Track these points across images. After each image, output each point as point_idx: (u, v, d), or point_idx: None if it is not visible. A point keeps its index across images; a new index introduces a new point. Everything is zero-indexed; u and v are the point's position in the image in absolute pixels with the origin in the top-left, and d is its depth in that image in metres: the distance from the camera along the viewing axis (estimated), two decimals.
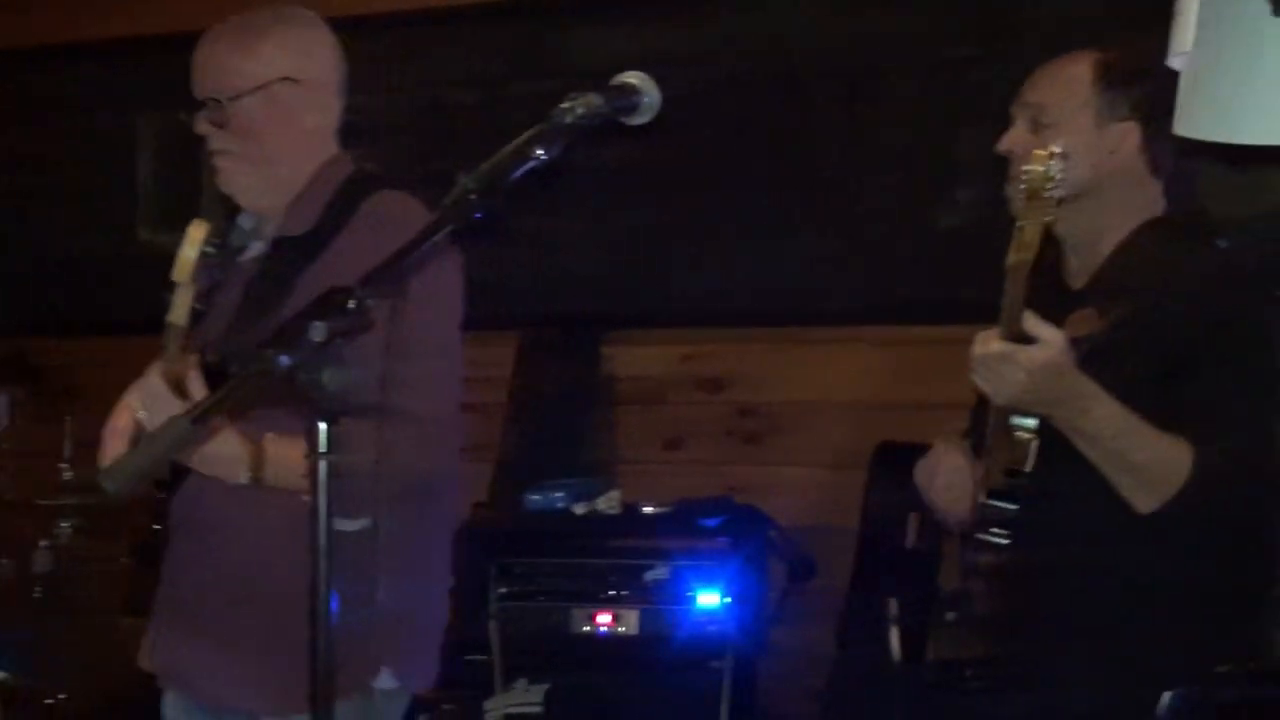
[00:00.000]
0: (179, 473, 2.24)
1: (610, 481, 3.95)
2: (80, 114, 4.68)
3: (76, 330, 4.51)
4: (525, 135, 1.67)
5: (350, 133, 3.92)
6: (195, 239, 2.10)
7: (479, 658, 3.62)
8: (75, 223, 4.64)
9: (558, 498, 3.78)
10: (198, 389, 2.09)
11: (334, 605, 1.55)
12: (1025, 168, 2.11)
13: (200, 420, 1.49)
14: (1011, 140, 2.38)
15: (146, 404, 2.10)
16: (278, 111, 2.34)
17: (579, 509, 3.76)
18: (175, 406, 2.03)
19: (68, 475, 3.92)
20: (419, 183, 2.28)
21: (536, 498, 3.78)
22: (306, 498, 2.10)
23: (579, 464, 4.03)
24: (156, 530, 2.36)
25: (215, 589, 2.31)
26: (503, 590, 3.64)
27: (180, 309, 2.11)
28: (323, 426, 1.49)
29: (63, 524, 3.92)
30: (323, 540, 1.50)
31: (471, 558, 3.68)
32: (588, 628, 3.60)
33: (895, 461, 3.66)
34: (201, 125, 2.37)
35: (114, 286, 4.49)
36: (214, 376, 2.13)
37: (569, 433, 4.07)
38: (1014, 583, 2.27)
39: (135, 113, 4.58)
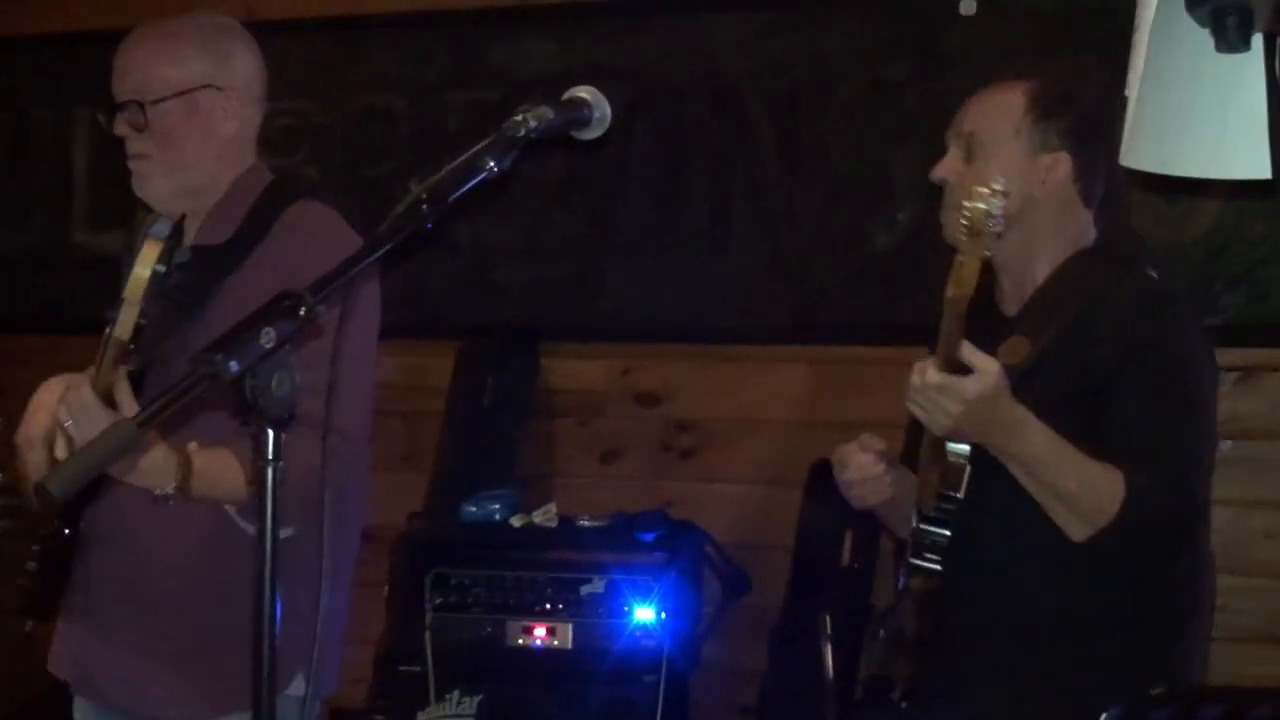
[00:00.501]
0: (94, 480, 2.23)
1: (547, 494, 3.95)
2: (15, 110, 4.62)
3: (6, 328, 4.45)
4: (477, 146, 1.69)
5: (284, 137, 3.93)
6: (149, 258, 2.09)
7: (412, 669, 3.61)
8: (9, 220, 4.58)
9: (494, 509, 3.78)
10: (126, 400, 2.08)
11: (279, 613, 1.54)
12: (967, 204, 2.12)
13: (145, 424, 1.49)
14: (945, 168, 2.41)
15: (76, 414, 2.08)
16: (198, 118, 2.35)
17: (515, 521, 3.76)
18: (105, 417, 2.02)
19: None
20: (349, 189, 2.30)
21: (473, 509, 3.77)
22: (229, 508, 2.11)
23: (515, 475, 4.02)
24: (67, 535, 2.34)
25: (132, 597, 2.32)
26: (437, 601, 3.63)
27: (126, 324, 2.09)
28: (271, 433, 1.49)
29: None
30: (269, 547, 1.50)
31: (406, 568, 3.69)
32: (522, 640, 3.60)
33: (830, 479, 3.69)
34: (120, 127, 2.37)
35: (46, 285, 4.45)
36: (133, 382, 2.13)
37: (506, 444, 4.07)
38: (943, 606, 2.29)
39: (71, 109, 4.54)
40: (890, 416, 2.60)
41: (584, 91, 1.79)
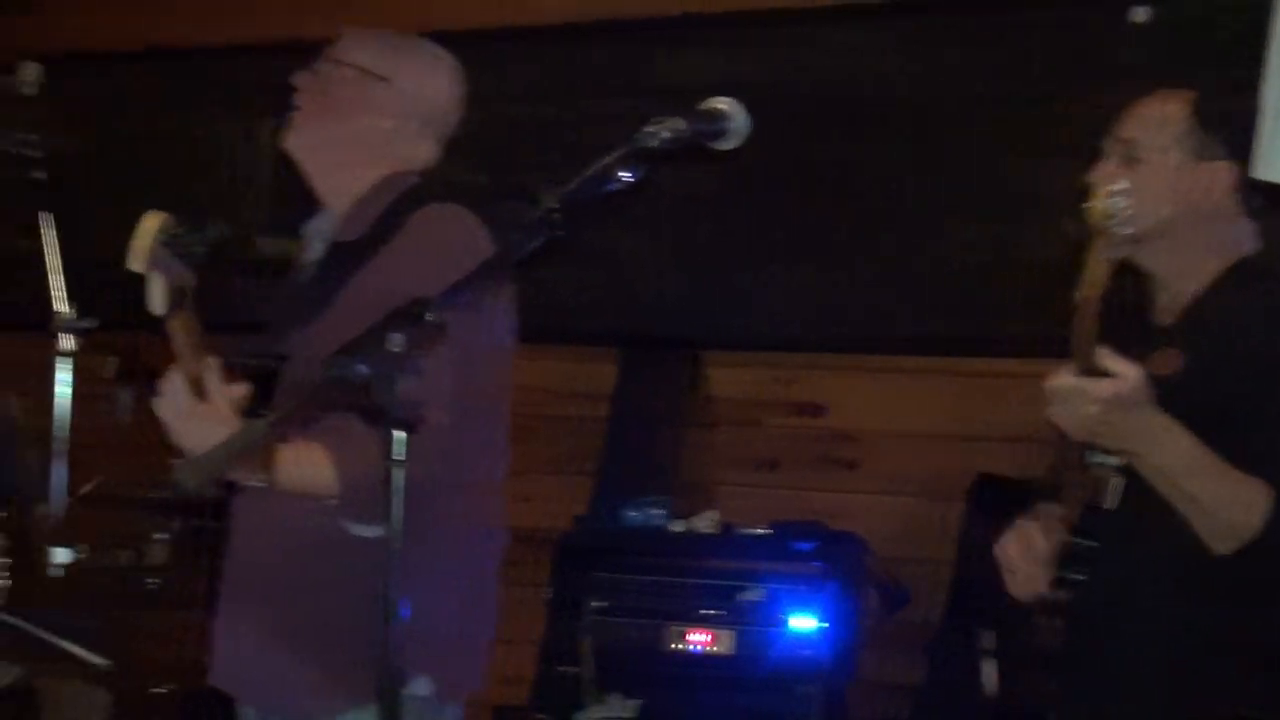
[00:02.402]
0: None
1: (706, 501, 3.98)
2: (199, 119, 4.80)
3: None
4: (609, 157, 1.69)
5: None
6: (147, 229, 2.14)
7: (571, 670, 3.66)
8: (195, 225, 4.74)
9: (656, 514, 3.81)
10: (215, 388, 2.12)
11: (404, 611, 1.57)
12: (1086, 204, 2.09)
13: (278, 424, 1.54)
14: (1099, 173, 2.37)
15: (164, 406, 2.14)
16: (359, 94, 2.41)
17: (676, 526, 3.79)
18: (190, 406, 2.08)
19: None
20: (488, 196, 2.32)
21: (634, 514, 3.81)
22: (330, 503, 2.13)
23: (677, 482, 4.05)
24: (213, 529, 2.41)
25: (266, 589, 2.35)
26: (597, 604, 3.67)
27: (154, 298, 2.15)
28: (398, 435, 1.53)
29: (174, 519, 4.00)
30: (394, 547, 1.53)
31: (567, 570, 3.74)
32: (680, 645, 3.62)
33: (993, 493, 3.65)
34: (298, 79, 2.46)
35: (218, 287, 4.60)
36: (262, 379, 2.18)
37: (667, 450, 4.10)
38: (1085, 620, 2.25)
39: (252, 119, 4.69)
40: (1048, 431, 2.56)
41: (721, 102, 1.78)
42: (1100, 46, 3.75)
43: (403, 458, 1.55)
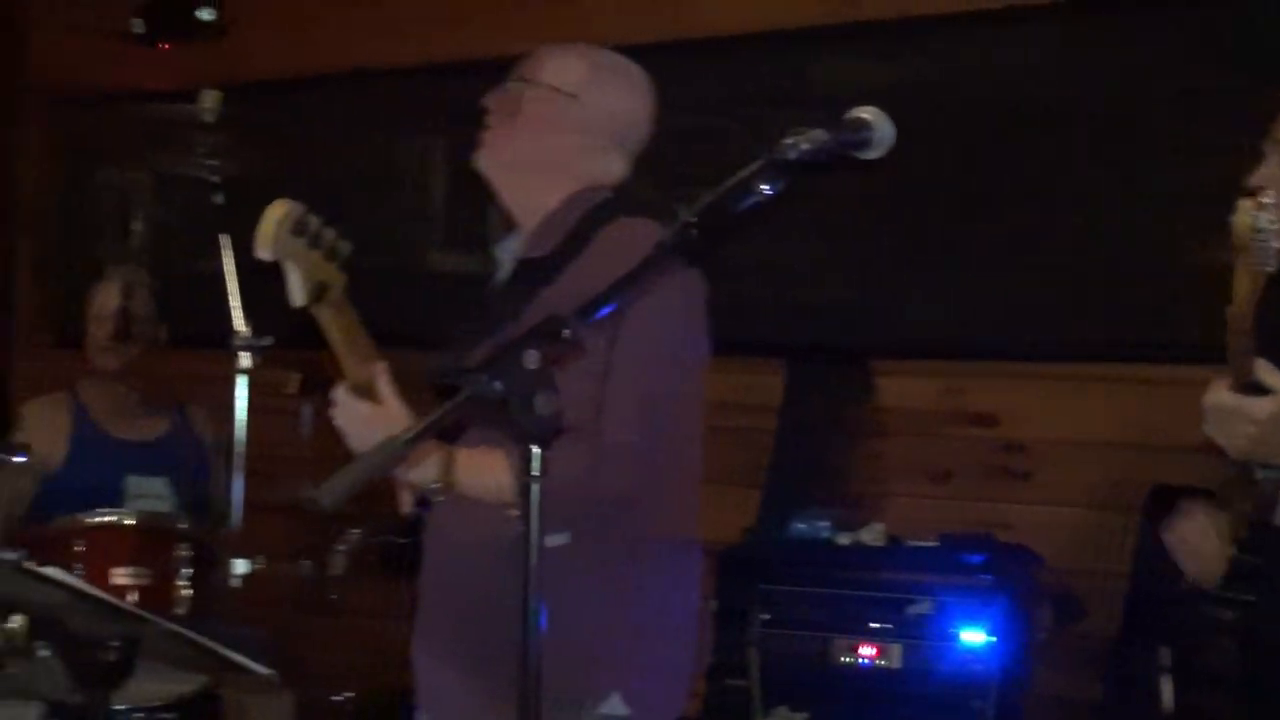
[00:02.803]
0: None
1: (876, 512, 3.94)
2: (379, 138, 4.91)
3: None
4: (748, 169, 1.69)
5: None
6: (272, 215, 2.15)
7: (739, 683, 3.65)
8: (369, 243, 4.87)
9: (822, 526, 3.79)
10: (387, 391, 2.17)
11: (543, 623, 1.58)
12: (1230, 217, 2.02)
13: (414, 441, 1.57)
14: (1260, 177, 2.29)
15: (338, 413, 2.21)
16: (549, 114, 2.44)
17: (843, 539, 3.76)
18: (363, 410, 2.13)
19: None
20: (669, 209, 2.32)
21: (801, 526, 3.80)
22: (514, 513, 2.14)
23: (845, 493, 4.02)
24: (405, 544, 2.46)
25: (452, 604, 2.38)
26: (765, 617, 3.66)
27: (292, 288, 2.17)
28: (535, 451, 1.54)
29: (353, 530, 4.09)
30: (534, 560, 1.55)
31: (734, 582, 3.74)
32: (849, 659, 3.59)
33: (1169, 505, 3.54)
34: (490, 100, 2.50)
35: (401, 305, 4.71)
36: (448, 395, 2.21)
37: (836, 461, 4.07)
38: (1261, 641, 2.18)
39: (430, 138, 4.79)
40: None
41: (865, 112, 1.77)
42: (1273, 43, 3.62)
43: (540, 473, 1.58)
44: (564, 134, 2.44)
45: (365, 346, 2.25)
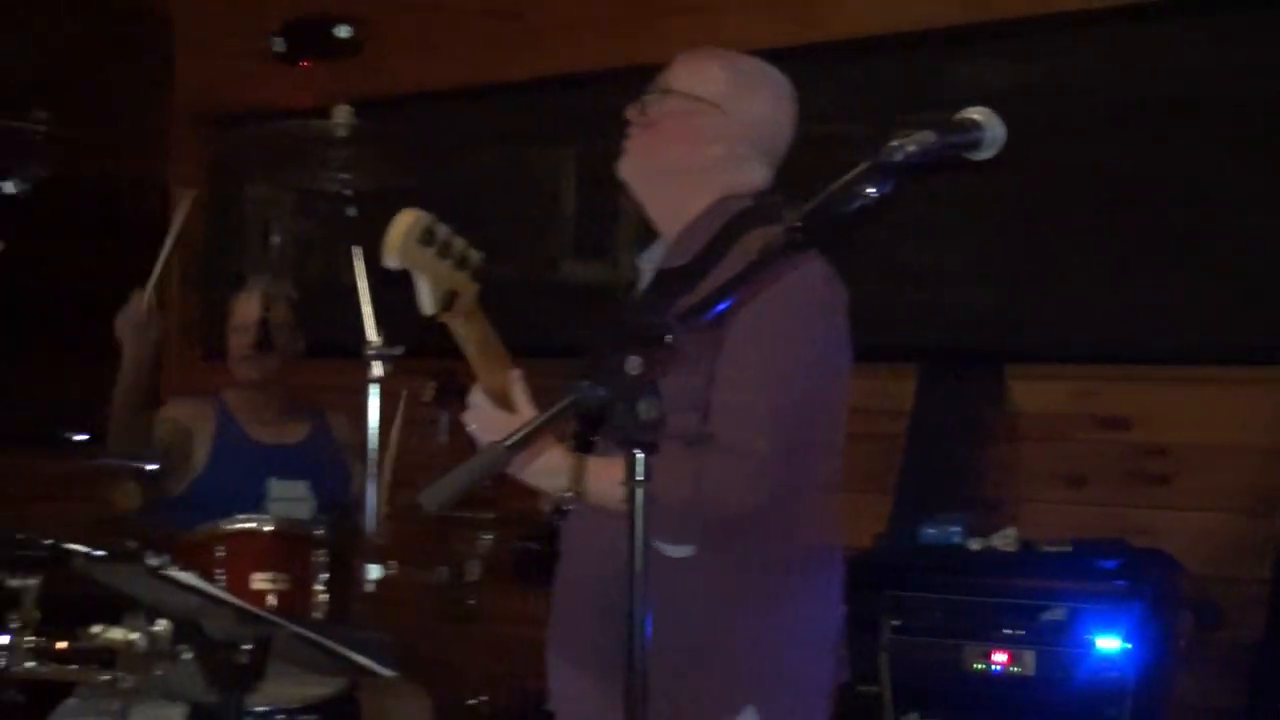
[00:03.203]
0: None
1: (1009, 517, 3.89)
2: (510, 148, 4.97)
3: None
4: (853, 172, 1.68)
5: None
6: (399, 225, 2.15)
7: (870, 689, 3.63)
8: (502, 254, 4.93)
9: (953, 532, 3.75)
10: (521, 399, 2.18)
11: (648, 630, 1.59)
12: None
13: (516, 447, 1.59)
14: None
15: (471, 418, 2.22)
16: (690, 125, 2.44)
17: (974, 544, 3.72)
18: (495, 416, 2.15)
19: (489, 490, 4.16)
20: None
21: (932, 531, 3.76)
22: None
23: (977, 498, 3.98)
24: (539, 550, 2.48)
25: (587, 612, 2.37)
26: (895, 623, 3.63)
27: (423, 299, 2.18)
28: (639, 456, 1.56)
29: (485, 536, 4.14)
30: (639, 565, 1.57)
31: (864, 589, 3.71)
32: (981, 665, 3.55)
33: None
34: (631, 111, 2.50)
35: (535, 315, 4.76)
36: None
37: (968, 466, 4.03)
38: None
39: (561, 148, 4.84)
40: None
41: (975, 112, 1.75)
42: None
43: (643, 478, 1.59)
44: (706, 143, 2.44)
45: (499, 354, 2.27)
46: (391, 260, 2.17)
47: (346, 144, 3.58)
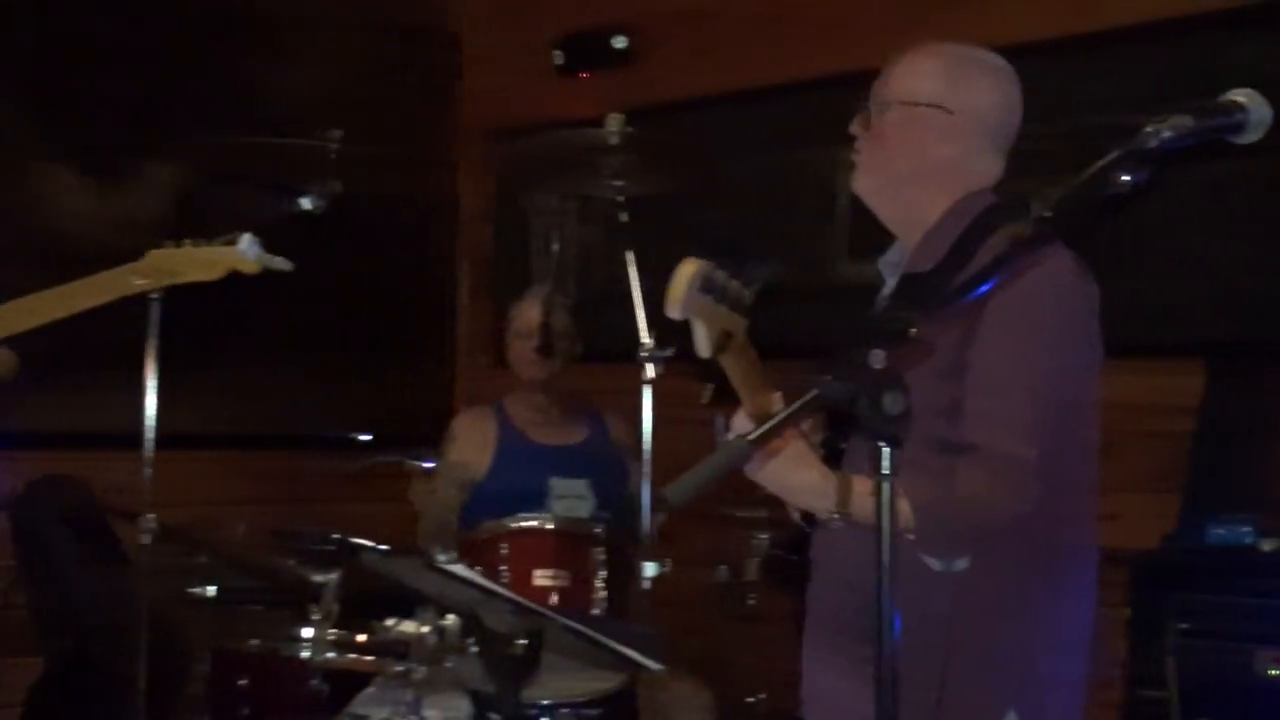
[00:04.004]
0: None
1: None
2: (784, 149, 4.99)
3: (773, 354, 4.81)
4: (1106, 159, 1.64)
5: (1016, 161, 3.94)
6: (683, 274, 2.18)
7: (1156, 694, 3.52)
8: (775, 257, 4.95)
9: (1244, 532, 3.61)
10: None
11: (896, 631, 1.59)
12: None
13: (759, 441, 1.60)
14: None
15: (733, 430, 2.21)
16: (915, 132, 2.39)
17: (1267, 545, 3.57)
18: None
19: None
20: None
21: (1220, 531, 3.62)
22: (910, 536, 2.09)
23: (1268, 498, 3.81)
24: (793, 560, 2.50)
25: (841, 623, 2.35)
26: (1182, 626, 3.51)
27: (699, 342, 2.20)
28: (885, 450, 1.56)
29: (760, 535, 4.17)
30: (886, 561, 1.57)
31: (1149, 591, 3.61)
32: (1275, 671, 3.40)
33: None
34: (855, 125, 2.48)
35: (808, 317, 4.76)
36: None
37: (1259, 464, 3.87)
38: None
39: (835, 148, 4.82)
40: None
41: (1240, 95, 1.69)
42: None
43: (890, 472, 1.59)
44: (936, 146, 2.40)
45: (762, 379, 2.27)
46: (674, 312, 2.22)
47: (619, 151, 3.67)
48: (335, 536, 3.14)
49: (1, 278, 2.75)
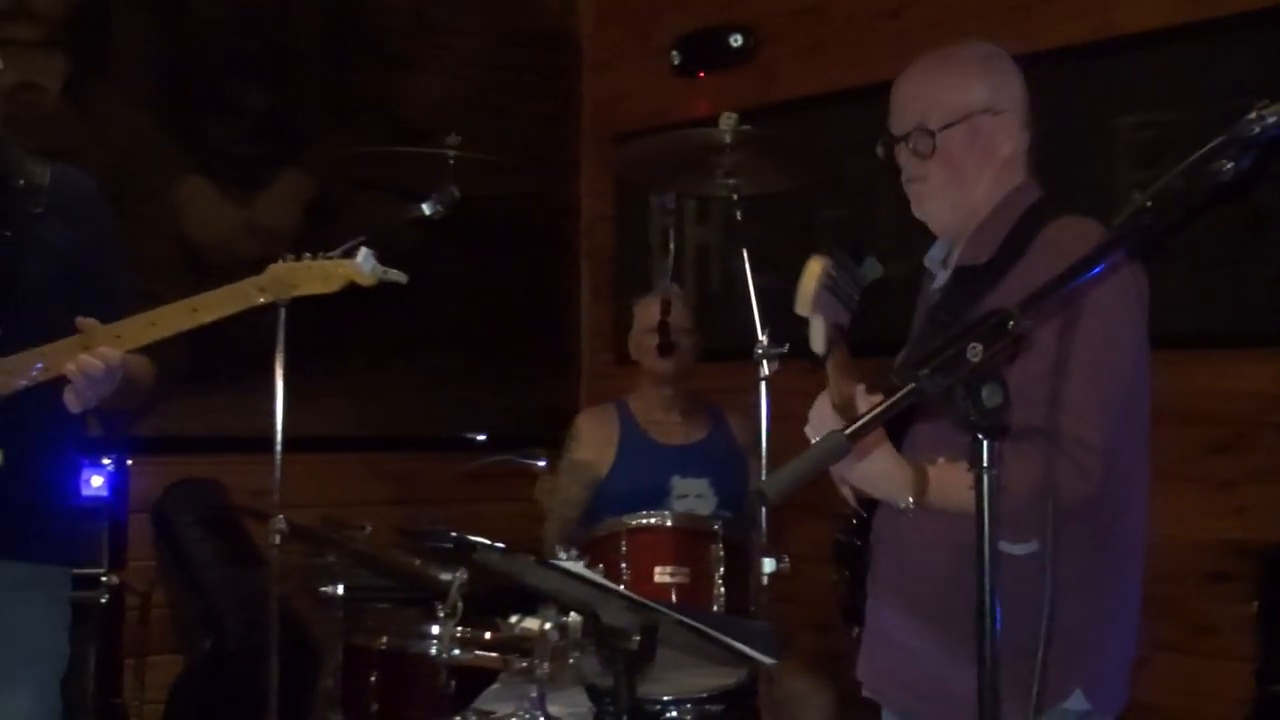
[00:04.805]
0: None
1: None
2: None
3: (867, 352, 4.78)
4: (1207, 148, 1.63)
5: (1145, 149, 3.89)
6: (813, 273, 2.21)
7: None
8: (888, 253, 4.91)
9: None
10: (865, 410, 2.20)
11: (998, 623, 1.60)
12: None
13: (856, 435, 1.62)
14: None
15: (815, 425, 2.24)
16: (979, 141, 2.45)
17: None
18: (831, 417, 2.18)
19: None
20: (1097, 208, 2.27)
21: None
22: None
23: None
24: (859, 546, 2.52)
25: (904, 602, 2.43)
26: None
27: (816, 338, 2.22)
28: (984, 442, 1.57)
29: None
30: (987, 554, 1.57)
31: (1276, 585, 3.54)
32: None
33: None
34: (903, 156, 2.52)
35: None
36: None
37: None
38: None
39: None
40: None
41: None
42: None
43: (990, 465, 1.60)
44: (1001, 147, 2.47)
45: (852, 369, 2.32)
46: (805, 309, 2.28)
47: (734, 150, 3.68)
48: (454, 535, 3.20)
49: (148, 286, 2.83)
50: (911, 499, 2.20)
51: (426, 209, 3.71)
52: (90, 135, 4.77)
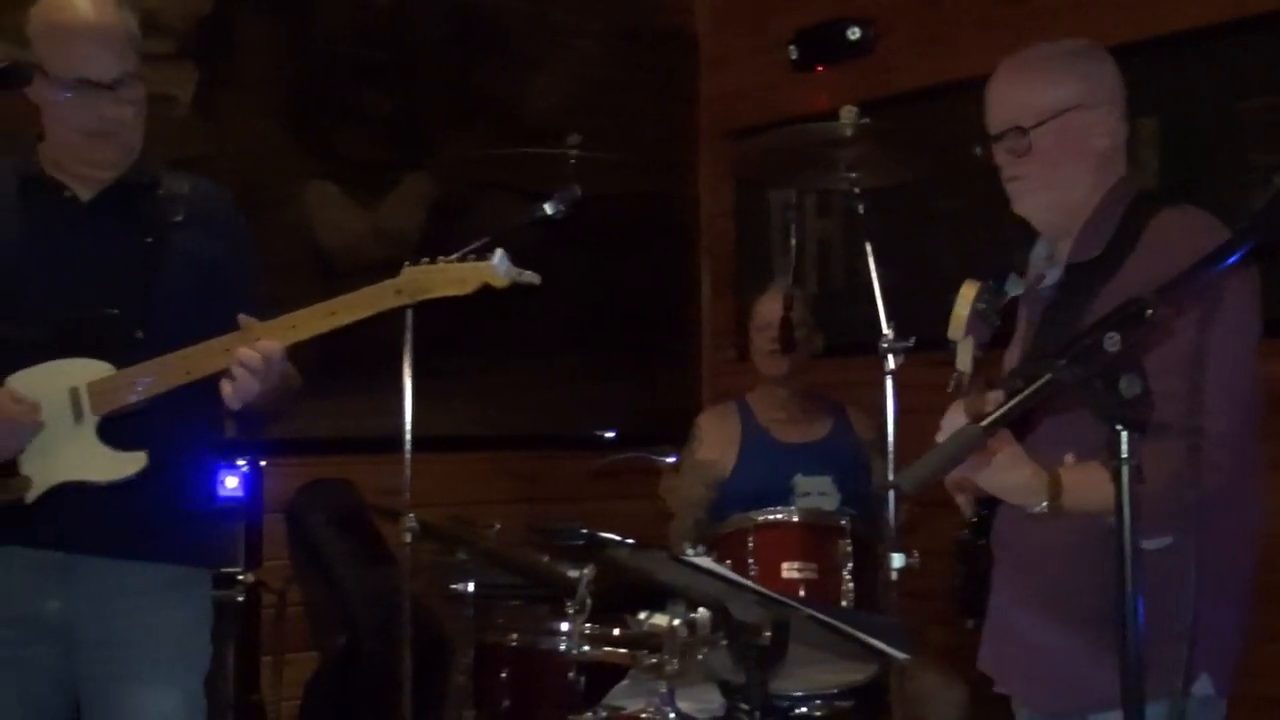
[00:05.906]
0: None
1: None
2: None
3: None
4: None
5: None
6: (967, 298, 2.22)
7: None
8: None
9: None
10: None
11: (1140, 617, 1.58)
12: None
13: (989, 428, 1.61)
14: None
15: (948, 432, 2.24)
16: (1074, 137, 2.44)
17: None
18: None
19: None
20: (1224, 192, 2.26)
21: None
22: (1108, 520, 2.11)
23: None
24: (981, 545, 2.52)
25: (1025, 600, 2.45)
26: None
27: (964, 358, 2.23)
28: (1123, 434, 1.55)
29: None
30: (1128, 548, 1.55)
31: None
32: None
33: None
34: (1000, 155, 2.52)
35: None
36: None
37: None
38: None
39: None
40: None
41: None
42: None
43: (1129, 456, 1.58)
44: (1096, 142, 2.46)
45: (979, 375, 2.33)
46: (957, 334, 2.30)
47: (854, 144, 3.66)
48: (585, 531, 3.22)
49: (277, 291, 2.88)
50: (1046, 502, 2.19)
51: (549, 209, 3.75)
52: (219, 144, 4.87)
